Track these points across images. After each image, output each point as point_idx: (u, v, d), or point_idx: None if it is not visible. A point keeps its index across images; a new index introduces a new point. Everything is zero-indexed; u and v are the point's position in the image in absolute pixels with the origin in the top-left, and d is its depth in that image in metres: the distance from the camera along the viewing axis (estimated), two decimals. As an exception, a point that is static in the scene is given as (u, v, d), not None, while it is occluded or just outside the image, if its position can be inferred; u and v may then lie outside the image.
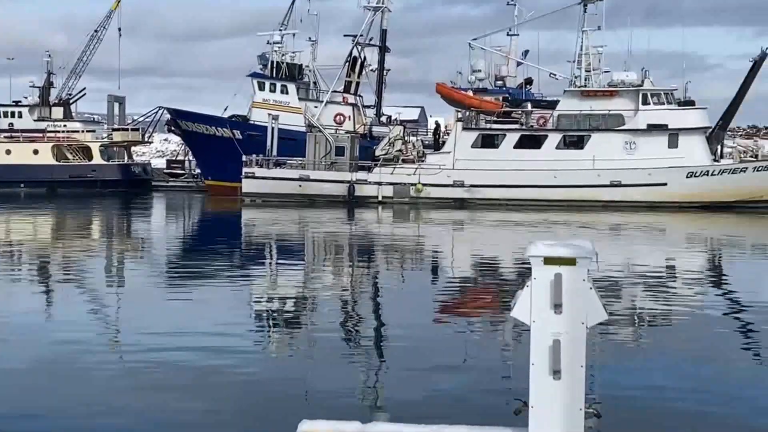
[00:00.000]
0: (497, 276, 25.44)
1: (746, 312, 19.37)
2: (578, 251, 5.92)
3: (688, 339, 15.89)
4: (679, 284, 24.68)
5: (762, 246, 38.24)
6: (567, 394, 5.81)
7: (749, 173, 57.04)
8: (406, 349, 14.65)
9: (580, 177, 56.32)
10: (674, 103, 57.99)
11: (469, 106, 60.82)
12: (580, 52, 60.20)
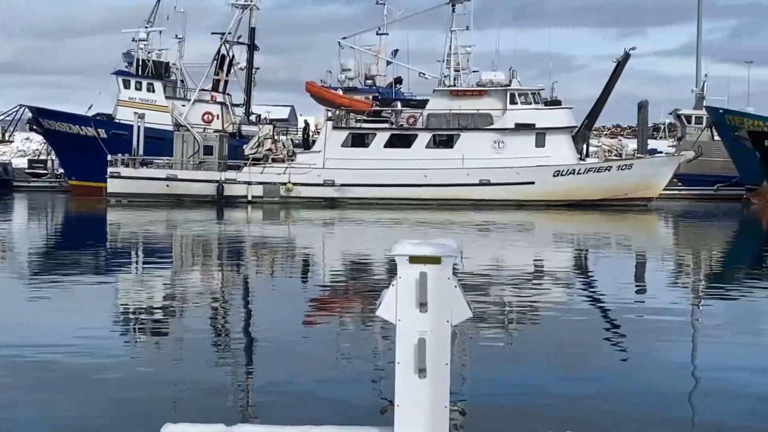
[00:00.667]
0: (367, 275, 25.54)
1: (611, 308, 19.84)
2: (443, 250, 5.97)
3: (556, 335, 16.19)
4: (547, 281, 25.15)
5: (626, 243, 39.24)
6: (432, 393, 5.86)
7: (614, 172, 58.49)
8: (276, 350, 14.60)
9: (450, 176, 56.96)
10: (541, 103, 59.12)
11: (339, 105, 60.94)
12: (449, 51, 60.88)
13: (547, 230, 43.97)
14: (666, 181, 60.37)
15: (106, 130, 63.15)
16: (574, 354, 14.55)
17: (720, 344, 15.68)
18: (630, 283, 25.28)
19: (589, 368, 13.55)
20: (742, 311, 19.99)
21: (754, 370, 13.59)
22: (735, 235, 45.90)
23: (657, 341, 15.67)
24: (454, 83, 60.28)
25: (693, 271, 28.57)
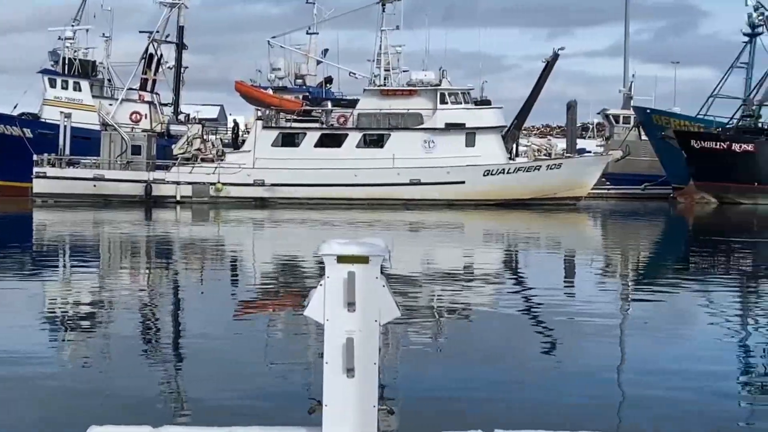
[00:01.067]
0: (297, 275, 25.48)
1: (540, 306, 20.01)
2: (371, 249, 5.98)
3: (485, 334, 16.30)
4: (477, 280, 25.29)
5: (555, 242, 39.60)
6: (360, 392, 5.87)
7: (543, 171, 58.99)
8: (205, 351, 14.51)
9: (381, 176, 57.02)
10: (471, 103, 59.40)
11: (268, 105, 60.71)
12: (379, 51, 60.93)
13: (477, 229, 44.23)
14: (594, 181, 61.02)
15: (32, 129, 62.22)
16: (503, 352, 14.65)
17: (646, 342, 15.89)
18: (559, 282, 25.52)
19: (518, 366, 13.65)
20: (668, 310, 20.27)
21: (677, 366, 13.81)
22: (662, 234, 46.56)
23: (584, 339, 15.84)
24: (384, 83, 60.34)
25: (621, 270, 28.91)
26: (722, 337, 16.56)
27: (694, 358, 14.51)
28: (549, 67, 61.67)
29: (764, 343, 16.18)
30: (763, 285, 24.78)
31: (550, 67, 61.70)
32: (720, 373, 13.41)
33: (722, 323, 18.04)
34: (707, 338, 16.47)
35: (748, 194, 63.68)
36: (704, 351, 15.19)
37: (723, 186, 64.11)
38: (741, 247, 35.02)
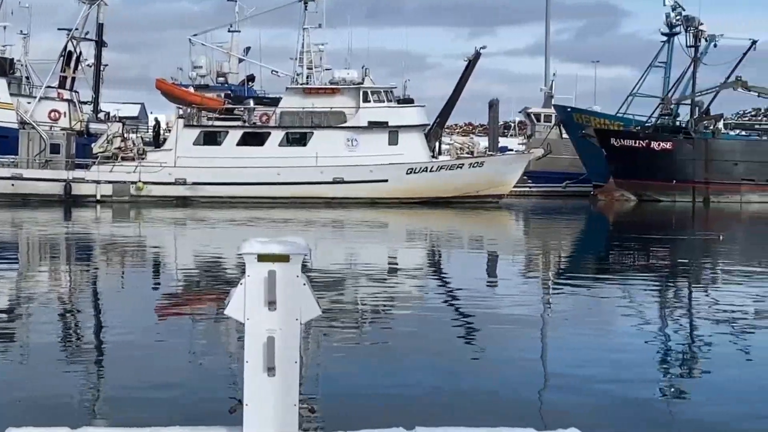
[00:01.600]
0: (219, 274, 25.34)
1: (464, 303, 20.14)
2: (291, 248, 5.97)
3: (409, 330, 16.35)
4: (401, 278, 25.38)
5: (477, 239, 39.88)
6: (281, 391, 5.86)
7: (466, 169, 59.34)
8: (125, 351, 14.37)
9: (304, 174, 56.92)
10: (394, 101, 59.54)
11: (190, 103, 60.29)
12: (301, 49, 60.82)
13: (400, 227, 44.37)
14: (516, 179, 61.53)
15: (-53, 128, 61.06)
16: (426, 349, 14.72)
17: (567, 336, 16.09)
18: (481, 279, 25.70)
19: (441, 362, 13.72)
20: (588, 304, 20.53)
21: (599, 359, 13.99)
22: (582, 231, 47.12)
23: (508, 334, 15.98)
24: (307, 81, 60.24)
25: (542, 266, 29.22)
26: (640, 329, 16.82)
27: (614, 350, 14.72)
28: (471, 65, 62.07)
29: (677, 336, 16.47)
30: (680, 280, 25.21)
31: (472, 65, 62.10)
32: (637, 361, 13.63)
33: (639, 317, 18.33)
34: (626, 331, 16.71)
35: (666, 192, 64.71)
36: (623, 343, 15.42)
37: (642, 184, 65.07)
38: (659, 244, 35.58)
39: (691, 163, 64.66)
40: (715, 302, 20.59)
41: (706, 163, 64.61)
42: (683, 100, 70.01)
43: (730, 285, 23.65)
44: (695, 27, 68.19)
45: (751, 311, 19.01)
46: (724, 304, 19.92)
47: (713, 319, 18.03)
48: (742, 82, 66.65)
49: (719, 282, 24.67)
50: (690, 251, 33.93)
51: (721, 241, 36.07)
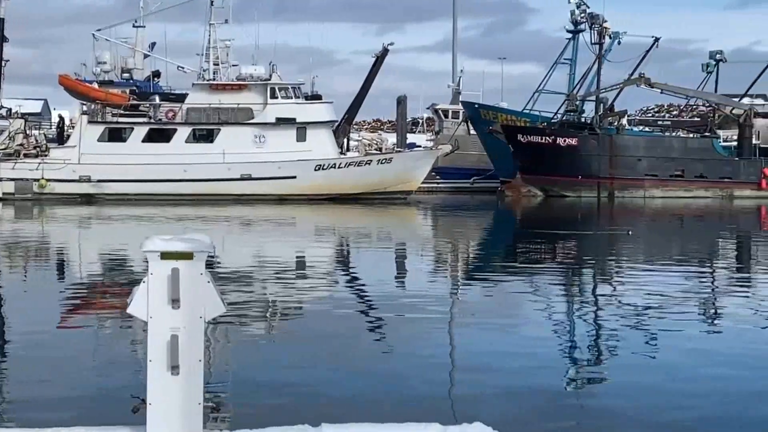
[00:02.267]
0: (124, 272, 25.03)
1: (373, 299, 20.17)
2: (195, 245, 5.92)
3: (318, 328, 16.33)
4: (309, 275, 25.33)
5: (386, 235, 39.99)
6: (185, 390, 5.81)
7: (374, 166, 59.45)
8: (29, 351, 14.12)
9: (211, 171, 56.50)
10: (302, 98, 59.41)
11: (94, 99, 59.45)
12: (207, 45, 60.36)
13: (308, 224, 44.28)
14: (424, 175, 61.80)
15: None
16: (334, 346, 14.71)
17: (474, 331, 16.20)
18: (390, 275, 25.77)
19: (349, 360, 13.73)
20: (494, 300, 20.72)
21: (506, 353, 14.13)
22: (490, 227, 47.53)
23: (416, 330, 16.04)
24: (213, 77, 59.81)
25: (450, 262, 29.40)
26: (548, 323, 17.03)
27: (521, 344, 14.87)
28: (378, 62, 62.21)
29: (585, 329, 16.69)
30: (588, 275, 25.56)
31: (380, 62, 62.24)
32: (545, 355, 13.79)
33: (548, 311, 18.55)
34: (535, 325, 16.90)
35: (572, 187, 65.56)
36: (530, 337, 15.59)
37: (549, 179, 65.83)
38: (567, 239, 36.04)
39: (596, 159, 65.60)
40: (624, 295, 20.92)
41: (611, 159, 65.61)
42: (588, 96, 71.00)
43: (639, 278, 24.05)
44: (599, 24, 69.22)
45: (659, 304, 19.35)
46: (633, 297, 20.24)
47: (621, 312, 18.31)
48: (645, 78, 67.80)
49: (628, 275, 25.07)
50: (600, 246, 34.44)
51: (630, 235, 36.68)
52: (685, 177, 66.16)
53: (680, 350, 14.65)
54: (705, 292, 22.16)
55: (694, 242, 36.81)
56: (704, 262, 29.12)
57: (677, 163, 66.41)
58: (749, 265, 29.07)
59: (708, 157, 66.57)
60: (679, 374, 12.95)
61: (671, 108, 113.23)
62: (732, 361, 13.80)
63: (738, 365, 13.51)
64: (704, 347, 15.02)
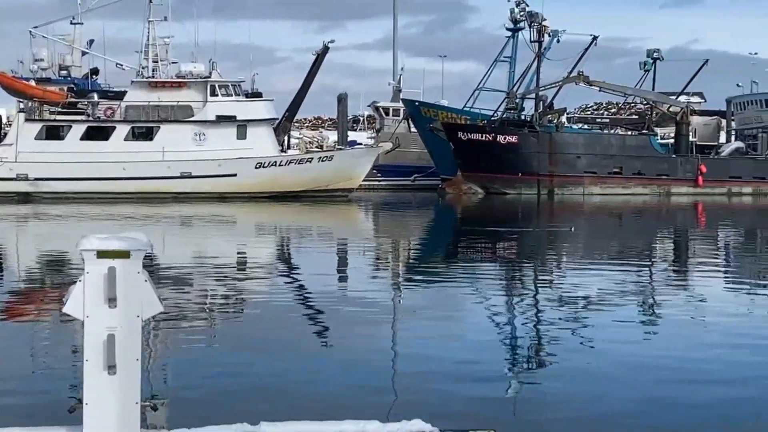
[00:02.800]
0: (61, 272, 24.77)
1: (315, 297, 20.16)
2: (132, 244, 5.89)
3: (259, 326, 16.29)
4: (250, 273, 25.24)
5: (327, 233, 39.96)
6: (122, 389, 5.78)
7: (315, 163, 59.42)
8: (-37, 353, 13.94)
9: (150, 169, 56.13)
10: (242, 95, 59.22)
11: (31, 96, 58.79)
12: (146, 42, 59.92)
13: (249, 222, 44.14)
14: (365, 172, 61.88)
15: None
16: (275, 343, 14.69)
17: (415, 328, 16.26)
18: (331, 272, 25.77)
19: (289, 356, 13.71)
20: (435, 297, 20.80)
21: (446, 349, 14.20)
22: (430, 224, 47.68)
23: (357, 327, 16.07)
24: (152, 75, 59.40)
25: (391, 259, 29.45)
26: (487, 321, 17.14)
27: (461, 340, 14.96)
28: (319, 59, 62.20)
29: (525, 326, 16.82)
30: (525, 271, 25.73)
31: (321, 59, 62.23)
32: (485, 351, 13.89)
33: (486, 309, 18.67)
34: (475, 322, 17.00)
35: (512, 184, 66.00)
36: (470, 334, 15.68)
37: (489, 177, 66.21)
38: (505, 236, 36.26)
39: (536, 157, 66.11)
40: (565, 291, 21.11)
41: (551, 157, 66.16)
42: (528, 94, 71.51)
43: (580, 275, 24.27)
44: (539, 23, 69.81)
45: (599, 299, 19.55)
46: (574, 293, 20.44)
47: (562, 307, 18.47)
48: (584, 76, 68.46)
49: (569, 272, 25.30)
50: (540, 243, 34.67)
51: (572, 232, 37.00)
52: (624, 174, 66.91)
53: (617, 343, 14.82)
54: (642, 289, 22.42)
55: (633, 239, 37.20)
56: (642, 259, 29.46)
57: (616, 160, 67.14)
58: (686, 262, 29.45)
59: (646, 154, 67.37)
60: (612, 370, 13.10)
61: (610, 106, 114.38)
62: (668, 354, 13.99)
63: (675, 358, 13.70)
64: (639, 340, 15.22)
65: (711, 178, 67.08)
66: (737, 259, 30.65)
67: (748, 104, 75.62)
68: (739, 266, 28.16)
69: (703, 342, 15.12)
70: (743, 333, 15.96)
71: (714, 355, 14.08)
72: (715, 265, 28.01)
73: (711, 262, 28.96)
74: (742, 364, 13.50)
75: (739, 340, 15.18)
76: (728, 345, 14.84)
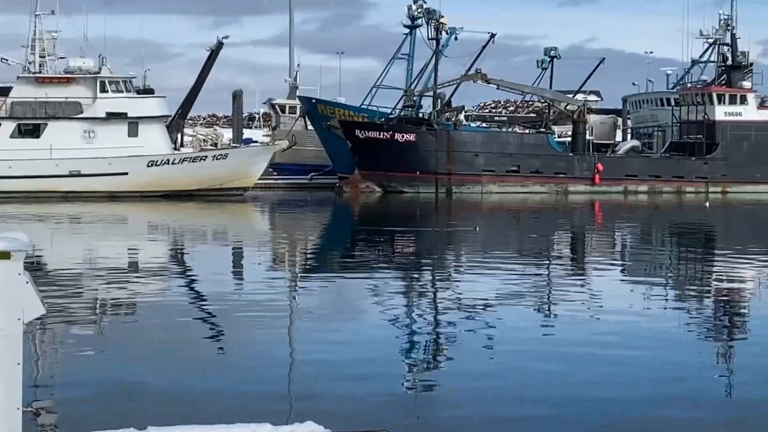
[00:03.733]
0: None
1: (210, 299, 20.01)
2: (12, 244, 5.78)
3: (151, 328, 16.12)
4: (142, 275, 24.95)
5: (222, 233, 39.71)
6: (3, 394, 5.67)
7: (209, 162, 58.96)
8: None
9: (37, 167, 55.11)
10: (133, 92, 58.47)
11: None
12: (33, 36, 58.81)
13: (141, 222, 43.64)
14: (261, 171, 61.59)
15: None
16: (166, 346, 14.55)
17: (312, 330, 16.27)
18: (227, 273, 25.62)
19: (184, 359, 13.60)
20: (334, 297, 20.82)
21: (341, 351, 14.24)
22: (328, 223, 47.69)
23: (253, 329, 16.01)
24: (39, 70, 58.29)
25: (288, 260, 29.39)
26: (383, 322, 17.20)
27: (360, 342, 15.01)
28: (213, 55, 61.77)
29: (420, 328, 16.93)
30: (423, 271, 25.89)
31: (215, 55, 61.81)
32: (384, 353, 13.96)
33: (383, 310, 18.74)
34: (369, 324, 17.06)
35: (410, 183, 66.32)
36: (369, 335, 15.75)
37: (387, 175, 66.43)
38: (402, 236, 36.43)
39: (434, 155, 66.50)
40: (463, 292, 21.30)
41: (448, 155, 66.62)
42: (426, 92, 71.83)
43: (478, 274, 24.50)
44: (436, 20, 70.13)
45: (496, 300, 19.75)
46: (471, 293, 20.63)
47: (460, 308, 18.64)
48: (482, 74, 69.04)
49: (467, 271, 25.52)
50: (442, 242, 34.86)
51: (477, 232, 37.18)
52: (521, 172, 67.68)
53: (513, 343, 15.01)
54: (539, 288, 22.72)
55: (530, 238, 37.65)
56: (541, 257, 29.87)
57: (513, 158, 67.89)
58: (583, 261, 29.93)
59: (543, 152, 68.25)
60: (511, 368, 13.27)
61: (508, 104, 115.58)
62: (560, 356, 14.21)
63: (564, 361, 13.92)
64: (538, 337, 15.43)
65: (607, 176, 68.21)
66: (632, 256, 31.26)
67: (644, 103, 77.15)
68: (634, 263, 28.73)
69: (600, 340, 15.38)
70: (641, 328, 16.30)
71: (611, 354, 14.35)
72: (611, 262, 28.53)
73: (606, 259, 29.49)
74: (638, 364, 13.77)
75: (635, 336, 15.49)
76: (625, 342, 15.13)
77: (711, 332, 16.94)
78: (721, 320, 18.32)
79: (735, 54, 72.68)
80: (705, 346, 15.55)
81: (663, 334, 16.04)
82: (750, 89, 72.23)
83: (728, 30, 73.56)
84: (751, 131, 70.48)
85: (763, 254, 29.27)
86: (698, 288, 23.35)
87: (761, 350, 14.81)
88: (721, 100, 70.62)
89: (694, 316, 18.40)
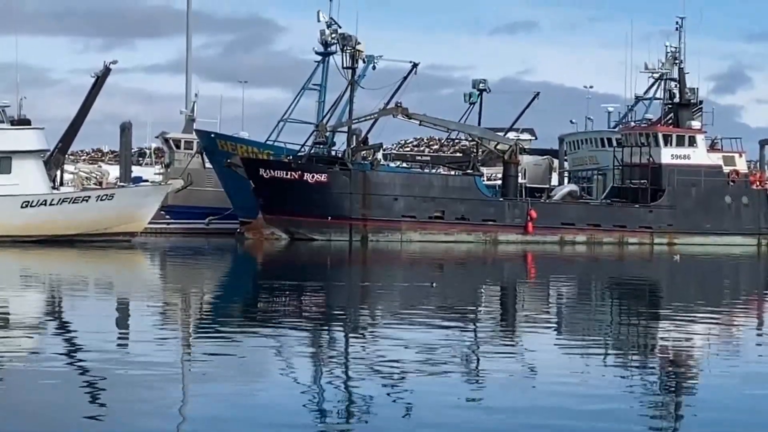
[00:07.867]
0: None
1: (90, 359, 19.91)
2: None
3: (20, 392, 16.00)
4: (12, 330, 24.68)
5: (106, 284, 39.43)
6: None
7: (92, 203, 58.64)
8: None
9: None
10: (7, 122, 58.04)
11: None
12: None
13: (12, 271, 43.15)
14: (152, 214, 61.36)
15: None
16: (40, 410, 14.46)
17: (207, 392, 16.28)
18: (112, 330, 25.46)
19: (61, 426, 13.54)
20: (230, 359, 20.84)
21: (240, 417, 14.27)
22: (226, 275, 47.57)
23: (143, 391, 15.98)
24: None
25: (181, 315, 29.28)
26: (286, 386, 17.27)
27: (261, 406, 15.05)
28: (99, 82, 61.60)
29: (329, 392, 17.02)
30: (334, 330, 25.97)
31: (101, 82, 61.64)
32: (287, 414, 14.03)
33: (286, 373, 18.81)
34: (272, 388, 17.10)
35: (321, 229, 66.47)
36: (271, 396, 15.80)
37: (294, 220, 66.54)
38: (310, 290, 36.48)
39: (348, 198, 66.77)
40: (371, 351, 21.43)
41: (364, 198, 66.91)
42: (339, 127, 72.18)
43: (395, 333, 24.66)
44: (352, 47, 70.46)
45: (415, 361, 19.92)
46: (388, 353, 20.77)
47: (376, 370, 18.76)
48: (402, 108, 69.57)
49: (382, 329, 25.66)
50: (354, 298, 34.95)
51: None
52: (446, 219, 68.15)
53: (438, 407, 15.17)
54: (466, 348, 22.93)
55: (455, 294, 37.89)
56: (465, 315, 30.12)
57: (437, 203, 68.36)
58: (513, 319, 30.26)
59: (470, 196, 68.79)
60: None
61: (431, 142, 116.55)
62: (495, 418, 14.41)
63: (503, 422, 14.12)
64: (462, 403, 15.62)
65: (542, 224, 68.91)
66: (567, 315, 31.66)
67: (582, 143, 78.17)
68: (570, 323, 29.11)
69: (534, 404, 15.60)
70: (576, 393, 16.56)
71: (544, 417, 14.58)
72: (544, 322, 28.88)
73: (540, 318, 29.84)
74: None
75: (571, 402, 15.75)
76: (561, 407, 15.38)
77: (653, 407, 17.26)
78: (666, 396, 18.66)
79: (683, 90, 73.96)
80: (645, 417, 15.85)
81: (605, 403, 16.31)
82: (699, 129, 73.53)
83: (676, 64, 74.99)
84: (701, 176, 71.70)
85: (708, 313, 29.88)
86: (640, 358, 23.75)
87: (710, 420, 15.15)
88: (668, 142, 71.84)
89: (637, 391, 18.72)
